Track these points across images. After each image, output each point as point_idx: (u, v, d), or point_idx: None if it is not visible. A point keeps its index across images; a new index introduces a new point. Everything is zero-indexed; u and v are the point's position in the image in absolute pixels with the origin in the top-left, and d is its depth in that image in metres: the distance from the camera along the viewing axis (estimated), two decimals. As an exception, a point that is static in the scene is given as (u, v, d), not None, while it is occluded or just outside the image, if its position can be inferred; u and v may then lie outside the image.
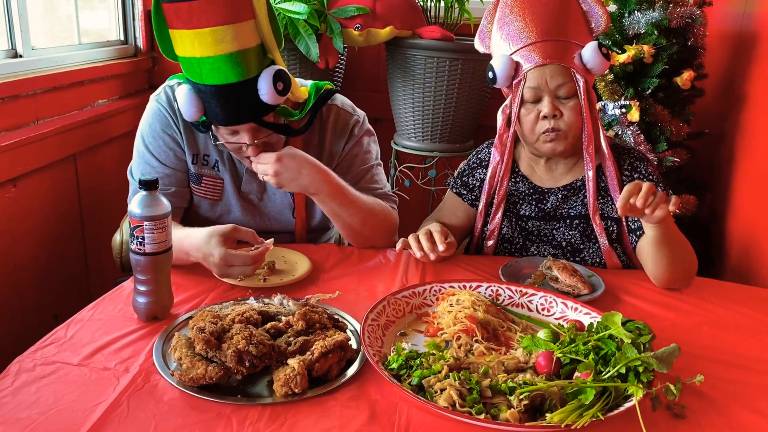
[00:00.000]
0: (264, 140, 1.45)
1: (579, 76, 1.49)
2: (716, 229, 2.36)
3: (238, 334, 1.03)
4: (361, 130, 1.66)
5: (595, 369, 1.00)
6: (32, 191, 1.96)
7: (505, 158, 1.63)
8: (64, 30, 2.43)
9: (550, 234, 1.63)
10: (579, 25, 1.55)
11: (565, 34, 1.52)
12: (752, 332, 1.29)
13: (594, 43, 1.50)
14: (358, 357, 1.09)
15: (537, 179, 1.66)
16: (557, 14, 1.53)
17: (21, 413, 0.92)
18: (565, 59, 1.50)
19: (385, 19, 2.53)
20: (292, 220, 1.66)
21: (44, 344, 1.10)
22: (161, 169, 1.56)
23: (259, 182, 1.61)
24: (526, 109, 1.54)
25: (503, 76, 1.53)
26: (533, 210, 1.65)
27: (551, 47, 1.50)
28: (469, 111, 2.66)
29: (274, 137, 1.48)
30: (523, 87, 1.52)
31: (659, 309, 1.36)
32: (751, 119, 2.22)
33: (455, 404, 0.94)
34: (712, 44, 2.36)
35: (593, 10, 1.55)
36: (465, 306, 1.22)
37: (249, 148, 1.44)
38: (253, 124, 1.41)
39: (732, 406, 1.03)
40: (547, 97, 1.51)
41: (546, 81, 1.50)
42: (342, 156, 1.64)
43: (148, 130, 1.57)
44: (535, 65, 1.50)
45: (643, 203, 1.30)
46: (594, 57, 1.49)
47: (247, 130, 1.42)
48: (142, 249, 1.15)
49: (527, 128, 1.55)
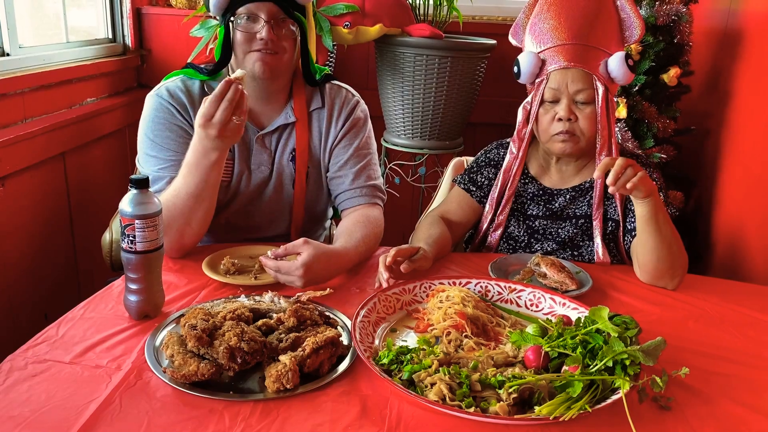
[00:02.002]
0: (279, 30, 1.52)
1: (600, 84, 1.51)
2: (702, 225, 2.39)
3: (230, 331, 1.03)
4: (363, 113, 1.71)
5: (583, 362, 1.01)
6: (21, 190, 1.95)
7: (521, 154, 1.65)
8: (51, 28, 2.41)
9: (555, 232, 1.65)
10: (611, 32, 1.57)
11: (595, 40, 1.54)
12: (737, 326, 1.31)
13: (621, 54, 1.52)
14: (349, 353, 1.10)
15: (547, 180, 1.68)
16: (591, 19, 1.55)
17: (13, 411, 0.92)
18: (589, 65, 1.52)
19: (375, 16, 2.54)
20: (292, 192, 1.67)
21: (36, 343, 1.10)
22: (172, 155, 1.54)
23: (269, 152, 1.63)
24: (545, 108, 1.57)
25: (527, 72, 1.56)
26: (541, 210, 1.67)
27: (577, 51, 1.52)
28: (458, 108, 2.67)
29: (287, 33, 1.55)
30: (545, 87, 1.54)
31: (646, 304, 1.38)
32: (737, 115, 2.25)
33: (445, 398, 0.95)
34: (698, 41, 2.39)
35: (631, 20, 1.57)
36: (455, 302, 1.23)
37: (264, 29, 1.50)
38: (274, 7, 1.51)
39: (717, 397, 1.05)
40: (565, 100, 1.53)
41: (567, 84, 1.52)
42: (344, 131, 1.67)
43: (152, 124, 1.56)
44: (559, 67, 1.52)
45: (613, 180, 1.33)
46: (620, 67, 1.52)
47: (266, 11, 1.51)
48: (133, 247, 1.15)
49: (543, 127, 1.58)
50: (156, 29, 2.80)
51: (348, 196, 1.66)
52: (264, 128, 1.63)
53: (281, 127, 1.63)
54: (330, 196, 1.73)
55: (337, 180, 1.67)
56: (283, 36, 1.54)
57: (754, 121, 2.12)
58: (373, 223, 1.58)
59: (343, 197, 1.67)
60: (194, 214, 1.44)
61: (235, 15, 1.52)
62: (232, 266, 1.40)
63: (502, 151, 1.72)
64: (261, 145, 1.63)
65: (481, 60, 2.65)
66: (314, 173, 1.68)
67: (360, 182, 1.66)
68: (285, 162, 1.65)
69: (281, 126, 1.63)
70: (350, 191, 1.65)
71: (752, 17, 2.24)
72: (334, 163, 1.67)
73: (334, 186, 1.69)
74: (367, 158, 1.69)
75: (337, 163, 1.67)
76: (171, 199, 1.42)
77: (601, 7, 1.57)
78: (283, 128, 1.64)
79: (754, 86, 2.15)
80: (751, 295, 1.47)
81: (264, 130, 1.62)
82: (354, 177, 1.65)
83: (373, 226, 1.57)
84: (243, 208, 1.65)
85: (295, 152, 1.64)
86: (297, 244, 1.35)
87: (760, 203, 1.98)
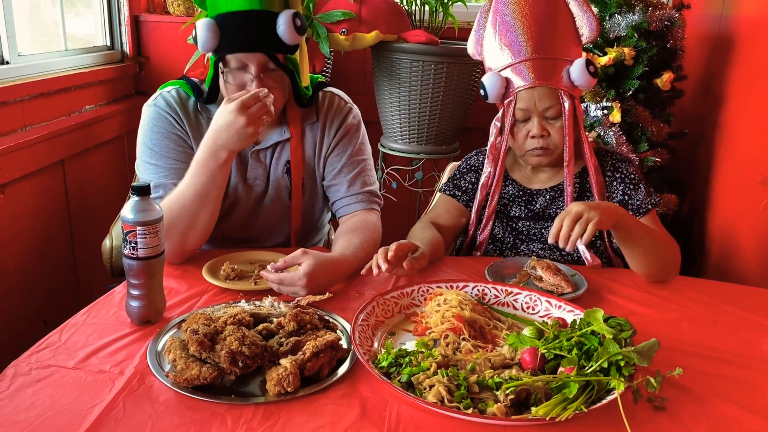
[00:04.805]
0: (267, 79, 1.51)
1: (565, 98, 1.54)
2: (696, 227, 2.41)
3: (231, 336, 1.05)
4: (356, 119, 1.72)
5: (579, 364, 1.03)
6: (21, 197, 1.96)
7: (498, 167, 1.67)
8: (50, 36, 2.43)
9: (539, 233, 1.67)
10: (569, 36, 1.59)
11: (555, 50, 1.56)
12: (730, 327, 1.33)
13: (581, 62, 1.54)
14: (349, 356, 1.12)
15: (525, 181, 1.72)
16: (548, 26, 1.57)
17: (19, 416, 0.93)
18: (554, 79, 1.54)
19: (371, 23, 2.56)
20: (288, 204, 1.68)
21: (39, 348, 1.11)
22: (170, 163, 1.56)
23: (264, 166, 1.65)
24: (517, 127, 1.61)
25: (494, 94, 1.59)
26: (523, 211, 1.69)
27: (541, 66, 1.55)
28: (454, 113, 2.69)
29: (277, 80, 1.53)
30: (514, 107, 1.57)
31: (640, 306, 1.40)
32: (730, 119, 2.28)
33: (444, 400, 0.97)
34: (691, 46, 2.42)
35: (584, 16, 1.59)
36: (452, 305, 1.24)
37: (253, 82, 1.49)
38: (264, 58, 1.49)
39: (710, 398, 1.06)
40: (535, 118, 1.57)
41: (535, 103, 1.56)
42: (336, 139, 1.68)
43: (151, 134, 1.58)
44: (525, 86, 1.55)
45: (564, 243, 1.36)
46: (581, 75, 1.55)
47: (256, 63, 1.49)
48: (135, 253, 1.17)
49: (518, 143, 1.63)
50: (154, 36, 2.82)
51: (345, 203, 1.67)
52: (259, 144, 1.64)
53: (276, 143, 1.65)
54: (327, 202, 1.75)
55: (333, 188, 1.69)
56: (272, 84, 1.52)
57: (746, 125, 2.15)
58: (371, 229, 1.60)
59: (339, 204, 1.68)
60: (199, 216, 1.45)
61: (224, 61, 1.51)
62: (231, 272, 1.42)
63: (482, 156, 1.76)
64: (256, 160, 1.64)
65: (476, 65, 2.67)
66: (310, 183, 1.70)
67: (356, 189, 1.67)
68: (280, 175, 1.66)
69: (276, 142, 1.65)
70: (346, 198, 1.67)
71: (744, 22, 2.26)
72: (329, 171, 1.68)
73: (331, 194, 1.70)
74: (362, 164, 1.70)
75: (332, 171, 1.68)
76: (176, 201, 1.43)
77: (556, 11, 1.58)
78: (277, 143, 1.65)
79: (746, 90, 2.18)
80: (745, 297, 1.49)
81: (259, 146, 1.64)
82: (349, 184, 1.67)
83: (371, 232, 1.59)
84: (241, 222, 1.67)
85: (289, 164, 1.65)
86: (296, 255, 1.36)
87: (753, 205, 2.00)
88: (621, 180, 1.64)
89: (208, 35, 1.46)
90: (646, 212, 1.61)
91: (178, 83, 1.63)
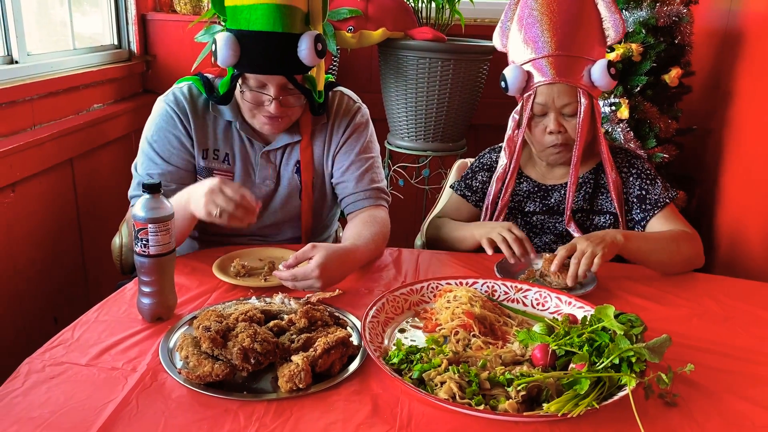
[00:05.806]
0: (286, 99, 1.52)
1: (583, 98, 1.54)
2: (705, 223, 2.40)
3: (243, 333, 1.05)
4: (363, 118, 1.72)
5: (590, 360, 1.03)
6: (30, 196, 1.97)
7: (514, 160, 1.67)
8: (58, 35, 2.44)
9: (552, 226, 1.68)
10: (593, 35, 1.59)
11: (578, 48, 1.56)
12: (740, 323, 1.32)
13: (603, 63, 1.54)
14: (360, 353, 1.12)
15: (540, 177, 1.72)
16: (574, 24, 1.56)
17: (33, 412, 0.94)
18: (574, 77, 1.54)
19: (378, 21, 2.56)
20: (299, 203, 1.69)
21: (52, 345, 1.12)
22: (164, 166, 1.59)
23: (274, 166, 1.65)
24: (534, 121, 1.61)
25: (515, 87, 1.60)
26: (538, 206, 1.70)
27: (562, 63, 1.55)
28: (461, 110, 2.69)
29: (294, 101, 1.55)
30: (533, 101, 1.57)
31: (650, 302, 1.40)
32: (738, 115, 2.27)
33: (455, 396, 0.97)
34: (699, 42, 2.41)
35: (612, 18, 1.58)
36: (462, 302, 1.25)
37: (272, 103, 1.50)
38: (283, 80, 1.49)
39: (722, 393, 1.06)
40: (552, 114, 1.58)
41: (553, 99, 1.56)
42: (344, 137, 1.68)
43: (154, 129, 1.60)
44: (545, 82, 1.55)
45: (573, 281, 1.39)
46: (602, 77, 1.55)
47: (275, 84, 1.49)
48: (147, 251, 1.18)
49: (536, 138, 1.63)
50: (161, 35, 2.83)
51: (353, 200, 1.67)
52: (269, 144, 1.65)
53: (286, 144, 1.66)
54: (336, 200, 1.75)
55: (341, 185, 1.69)
56: (290, 102, 1.54)
57: (755, 120, 2.14)
58: (380, 223, 1.60)
59: (348, 201, 1.69)
60: None
61: (243, 77, 1.51)
62: (242, 268, 1.42)
63: (495, 155, 1.77)
64: (266, 160, 1.65)
65: (483, 62, 2.67)
66: (319, 181, 1.70)
67: (363, 185, 1.67)
68: (290, 174, 1.67)
69: (286, 143, 1.65)
70: (355, 195, 1.67)
71: (752, 17, 2.25)
72: (338, 169, 1.69)
73: (339, 191, 1.71)
74: (370, 161, 1.70)
75: (340, 168, 1.68)
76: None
77: (582, 10, 1.58)
78: (287, 144, 1.66)
79: (754, 86, 2.17)
80: (755, 293, 1.49)
81: (269, 147, 1.64)
82: (357, 181, 1.67)
83: (381, 226, 1.60)
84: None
85: (299, 164, 1.66)
86: (306, 250, 1.36)
87: (762, 201, 2.00)
88: (637, 175, 1.65)
89: (228, 52, 1.45)
90: (664, 206, 1.61)
91: (191, 79, 1.64)
